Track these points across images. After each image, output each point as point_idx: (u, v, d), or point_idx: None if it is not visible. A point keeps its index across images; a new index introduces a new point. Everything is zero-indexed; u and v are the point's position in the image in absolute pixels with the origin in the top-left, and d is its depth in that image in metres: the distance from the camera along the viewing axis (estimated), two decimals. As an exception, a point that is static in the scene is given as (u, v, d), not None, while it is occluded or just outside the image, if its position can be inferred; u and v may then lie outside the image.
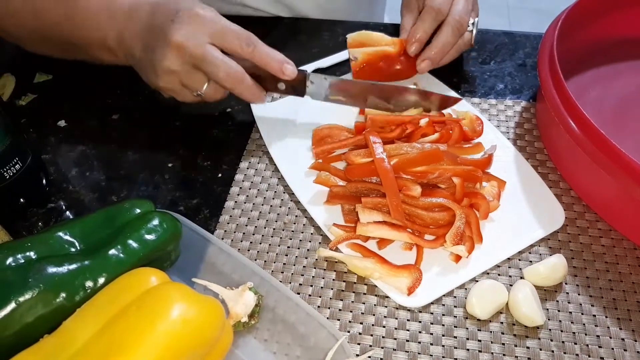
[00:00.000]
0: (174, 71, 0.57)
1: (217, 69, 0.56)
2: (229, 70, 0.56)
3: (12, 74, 0.75)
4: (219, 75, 0.56)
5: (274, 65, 0.58)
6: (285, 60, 0.59)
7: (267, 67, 0.58)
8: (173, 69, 0.56)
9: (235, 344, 0.45)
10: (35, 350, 0.37)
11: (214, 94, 0.60)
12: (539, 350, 0.46)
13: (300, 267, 0.53)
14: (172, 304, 0.37)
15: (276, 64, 0.58)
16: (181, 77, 0.58)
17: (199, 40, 0.55)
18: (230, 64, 0.56)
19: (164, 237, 0.45)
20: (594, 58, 0.70)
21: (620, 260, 0.52)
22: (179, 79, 0.58)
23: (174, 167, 0.62)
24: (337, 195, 0.56)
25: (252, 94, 0.59)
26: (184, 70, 0.57)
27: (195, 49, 0.55)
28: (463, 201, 0.54)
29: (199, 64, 0.56)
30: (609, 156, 0.49)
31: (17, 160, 0.54)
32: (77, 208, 0.59)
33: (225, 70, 0.56)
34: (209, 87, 0.58)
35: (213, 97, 0.60)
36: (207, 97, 0.60)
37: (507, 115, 0.66)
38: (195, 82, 0.58)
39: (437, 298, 0.50)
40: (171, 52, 0.55)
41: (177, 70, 0.57)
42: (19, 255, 0.41)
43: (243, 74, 0.57)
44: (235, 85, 0.57)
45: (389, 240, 0.53)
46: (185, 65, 0.56)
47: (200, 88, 0.58)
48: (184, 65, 0.56)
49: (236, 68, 0.57)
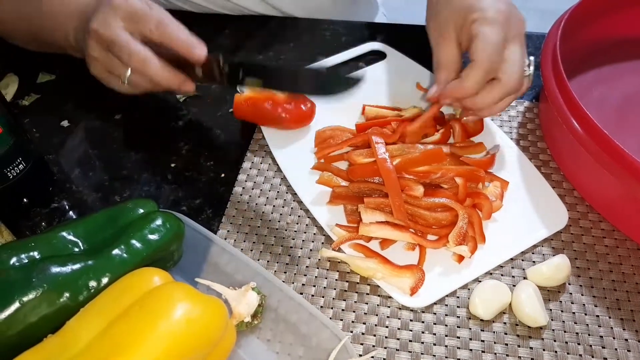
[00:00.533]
0: (96, 58, 0.58)
1: (121, 51, 0.55)
2: (131, 51, 0.55)
3: (16, 74, 0.75)
4: (123, 57, 0.55)
5: (180, 45, 0.56)
6: (195, 41, 0.57)
7: (175, 48, 0.56)
8: (94, 55, 0.57)
9: (238, 344, 0.46)
10: (39, 349, 0.37)
11: (141, 81, 0.58)
12: (542, 351, 0.46)
13: (303, 267, 0.53)
14: (175, 303, 0.37)
15: (182, 44, 0.56)
16: (104, 64, 0.58)
17: (111, 25, 0.55)
18: (134, 44, 0.55)
19: (167, 237, 0.45)
20: (597, 58, 0.70)
21: (623, 260, 0.52)
22: (103, 65, 0.58)
23: (176, 167, 0.63)
24: (339, 196, 0.56)
25: (164, 77, 0.57)
26: (102, 57, 0.57)
27: (105, 32, 0.55)
28: (466, 201, 0.54)
29: (111, 48, 0.56)
30: (612, 156, 0.49)
31: (20, 160, 0.54)
32: (80, 208, 0.59)
33: (127, 52, 0.55)
34: (132, 74, 0.57)
35: (140, 85, 0.58)
36: (132, 85, 0.58)
37: (510, 115, 0.66)
38: (117, 68, 0.58)
39: (439, 298, 0.50)
40: (90, 39, 0.57)
41: (98, 57, 0.57)
42: (23, 255, 0.42)
43: (146, 54, 0.55)
44: (141, 66, 0.56)
45: (392, 241, 0.53)
46: (103, 52, 0.57)
47: (124, 74, 0.57)
48: (102, 52, 0.57)
49: (139, 48, 0.55)
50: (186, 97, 0.70)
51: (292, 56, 0.75)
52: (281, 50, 0.76)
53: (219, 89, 0.71)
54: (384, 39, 0.75)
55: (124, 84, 0.58)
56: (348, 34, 0.78)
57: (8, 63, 0.76)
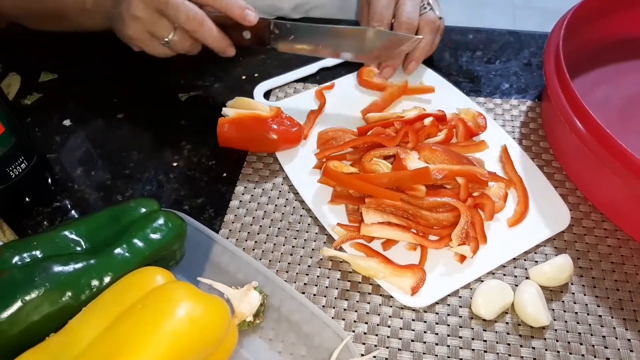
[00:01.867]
0: (139, 18, 0.59)
1: (178, 12, 0.57)
2: (189, 13, 0.57)
3: (18, 73, 0.75)
4: (180, 18, 0.58)
5: (235, 10, 0.59)
6: (247, 6, 0.59)
7: (228, 12, 0.59)
8: (139, 15, 0.58)
9: (240, 343, 0.45)
10: (41, 349, 0.37)
11: (181, 42, 0.61)
12: (545, 351, 0.46)
13: (305, 267, 0.53)
14: (177, 303, 0.37)
15: (237, 9, 0.59)
16: (147, 25, 0.59)
17: None
18: (191, 6, 0.58)
19: (169, 236, 0.45)
20: (599, 57, 0.70)
21: (626, 260, 0.52)
22: (145, 26, 0.60)
23: (178, 166, 0.63)
24: (341, 195, 0.56)
25: (215, 39, 0.60)
26: (149, 17, 0.59)
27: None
28: (467, 201, 0.54)
29: (162, 8, 0.58)
30: (614, 156, 0.49)
31: (22, 159, 0.54)
32: (82, 207, 0.59)
33: (185, 13, 0.57)
34: (175, 34, 0.60)
35: (181, 46, 0.61)
36: (174, 46, 0.61)
37: (512, 115, 0.66)
38: (161, 29, 0.59)
39: (441, 298, 0.49)
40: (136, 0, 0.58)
41: (142, 17, 0.59)
42: (25, 254, 0.42)
43: (203, 16, 0.58)
44: (196, 28, 0.58)
45: (394, 241, 0.53)
46: (150, 11, 0.58)
47: (167, 36, 0.60)
48: (148, 11, 0.58)
49: (196, 10, 0.58)
50: (188, 96, 0.70)
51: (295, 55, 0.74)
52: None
53: (222, 87, 0.71)
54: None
55: (164, 45, 0.60)
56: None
57: (10, 62, 0.76)
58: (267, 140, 0.60)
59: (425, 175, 0.52)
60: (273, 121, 0.60)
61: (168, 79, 0.73)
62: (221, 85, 0.72)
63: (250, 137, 0.61)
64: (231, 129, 0.60)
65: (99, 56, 0.76)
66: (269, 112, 0.60)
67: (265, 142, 0.60)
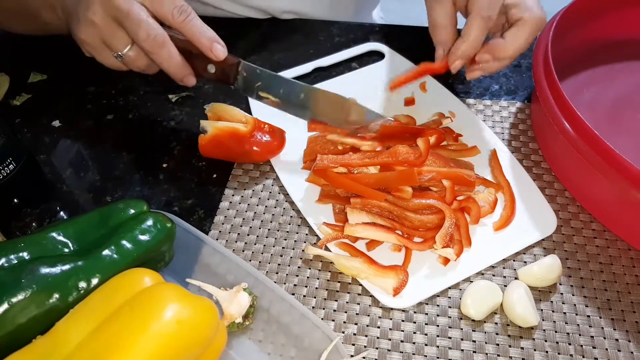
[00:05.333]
0: (96, 23, 0.54)
1: (138, 27, 0.53)
2: (149, 31, 0.53)
3: (7, 73, 0.75)
4: (139, 35, 0.53)
5: (203, 41, 0.55)
6: (217, 39, 0.56)
7: (196, 42, 0.55)
8: (96, 21, 0.54)
9: (229, 345, 0.45)
10: (28, 351, 0.37)
11: (136, 60, 0.57)
12: (533, 351, 0.46)
13: (295, 268, 0.53)
14: (165, 304, 0.37)
15: (206, 40, 0.55)
16: (102, 33, 0.55)
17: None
18: (154, 25, 0.54)
19: (158, 238, 0.45)
20: (588, 59, 0.70)
21: (614, 261, 0.52)
22: (100, 34, 0.55)
23: (168, 168, 0.62)
24: (328, 195, 0.56)
25: (173, 66, 0.56)
26: (106, 25, 0.54)
27: (122, 3, 0.53)
28: (453, 204, 0.54)
29: (122, 19, 0.53)
30: (603, 157, 0.49)
31: (11, 160, 0.54)
32: (71, 208, 0.59)
33: (146, 30, 0.53)
34: (131, 50, 0.56)
35: (136, 64, 0.57)
36: (128, 62, 0.57)
37: (502, 116, 0.66)
38: (117, 41, 0.55)
39: (423, 300, 0.50)
40: (96, 3, 0.53)
41: (99, 24, 0.54)
42: (12, 255, 0.41)
43: (165, 38, 0.54)
44: (155, 49, 0.54)
45: (379, 242, 0.53)
46: (108, 19, 0.54)
47: (121, 49, 0.55)
48: (106, 19, 0.54)
49: (158, 31, 0.54)
50: (178, 97, 0.70)
51: (286, 56, 0.75)
52: (274, 51, 0.76)
53: (212, 88, 0.71)
54: (380, 40, 0.75)
55: (117, 58, 0.56)
56: (340, 35, 0.78)
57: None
58: (248, 154, 0.59)
59: (411, 177, 0.52)
60: (251, 136, 0.58)
61: (158, 80, 0.72)
62: (211, 86, 0.72)
63: (230, 154, 0.61)
64: (211, 145, 0.60)
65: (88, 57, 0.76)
66: (247, 125, 0.59)
67: (246, 156, 0.60)
